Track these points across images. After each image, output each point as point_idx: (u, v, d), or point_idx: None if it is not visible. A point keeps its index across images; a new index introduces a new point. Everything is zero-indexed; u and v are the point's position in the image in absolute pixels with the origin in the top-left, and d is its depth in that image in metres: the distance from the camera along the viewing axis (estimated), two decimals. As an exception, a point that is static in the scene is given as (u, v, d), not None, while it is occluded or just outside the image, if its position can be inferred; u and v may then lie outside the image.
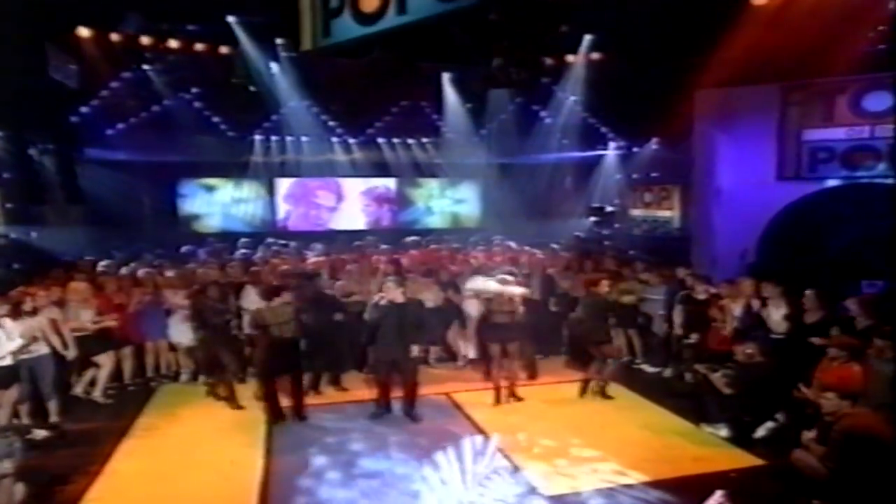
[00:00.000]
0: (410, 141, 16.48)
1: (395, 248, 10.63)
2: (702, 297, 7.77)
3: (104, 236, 12.93)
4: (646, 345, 8.90)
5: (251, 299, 8.05)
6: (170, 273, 8.31)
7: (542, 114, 15.46)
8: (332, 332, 7.67)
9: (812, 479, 4.55)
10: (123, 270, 8.96)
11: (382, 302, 6.54)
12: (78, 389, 7.39)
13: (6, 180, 9.84)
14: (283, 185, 16.31)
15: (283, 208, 16.32)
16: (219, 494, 5.41)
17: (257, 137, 15.38)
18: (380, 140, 16.25)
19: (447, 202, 17.46)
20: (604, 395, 7.50)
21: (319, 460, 6.01)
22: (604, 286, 7.34)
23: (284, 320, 6.68)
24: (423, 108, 15.34)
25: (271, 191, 16.29)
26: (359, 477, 5.71)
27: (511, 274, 7.60)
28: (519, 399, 7.46)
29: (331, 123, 15.22)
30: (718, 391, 6.45)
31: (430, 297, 8.50)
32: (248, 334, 7.57)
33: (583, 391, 7.55)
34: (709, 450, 6.17)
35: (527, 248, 10.48)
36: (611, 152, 16.08)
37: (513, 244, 10.68)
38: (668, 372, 8.44)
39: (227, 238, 14.13)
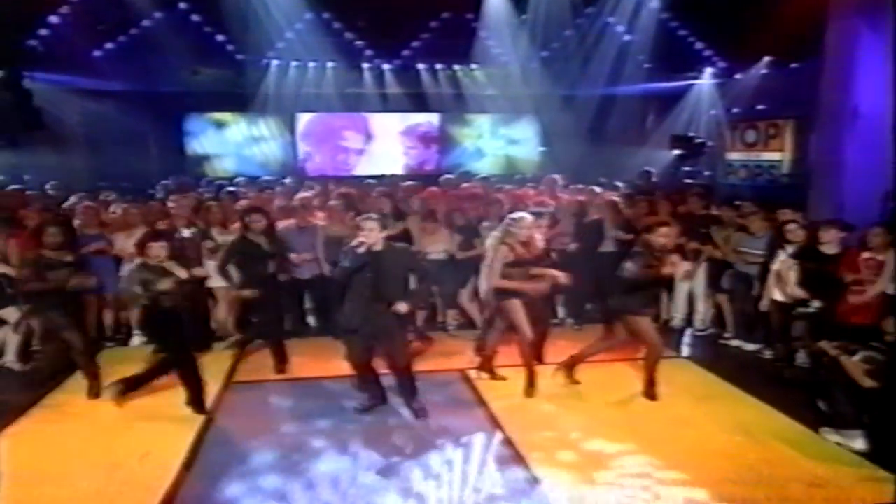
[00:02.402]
0: (456, 67, 14.82)
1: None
2: (832, 250, 5.88)
3: (88, 172, 12.24)
4: (741, 314, 7.07)
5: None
6: (118, 209, 7.00)
7: (619, 28, 13.41)
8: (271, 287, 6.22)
9: None
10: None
11: (359, 249, 4.88)
12: (-10, 353, 6.36)
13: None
14: (304, 121, 15.04)
15: (302, 149, 15.08)
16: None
17: (273, 62, 14.12)
18: (419, 66, 14.68)
19: (500, 143, 15.76)
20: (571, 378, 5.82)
21: (261, 458, 4.65)
22: (663, 235, 5.34)
23: (164, 282, 5.06)
24: (468, 23, 13.50)
25: (292, 128, 15.09)
26: (311, 487, 4.31)
27: (538, 214, 5.91)
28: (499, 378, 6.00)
29: (358, 43, 13.69)
30: (853, 382, 4.66)
31: (441, 247, 6.99)
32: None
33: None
34: (834, 469, 4.45)
35: (580, 186, 8.73)
36: (706, 81, 14.00)
37: (558, 178, 8.97)
38: (770, 351, 6.65)
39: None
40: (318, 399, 5.68)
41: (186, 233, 6.56)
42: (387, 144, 15.31)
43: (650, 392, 5.60)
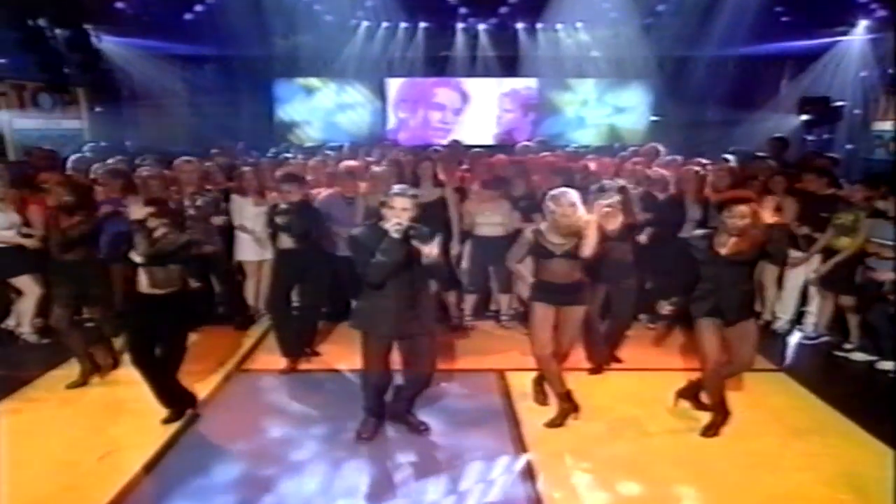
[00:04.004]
0: (558, 26, 13.56)
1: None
2: None
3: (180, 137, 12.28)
4: (877, 321, 5.61)
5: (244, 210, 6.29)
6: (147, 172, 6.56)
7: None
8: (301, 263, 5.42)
9: None
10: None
11: (396, 234, 3.78)
12: (10, 322, 6.13)
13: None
14: (395, 87, 14.41)
15: (394, 117, 14.48)
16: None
17: (363, 24, 13.54)
18: (517, 25, 13.56)
19: (605, 111, 14.36)
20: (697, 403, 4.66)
21: (231, 468, 3.98)
22: (739, 215, 4.04)
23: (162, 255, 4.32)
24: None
25: (382, 94, 14.51)
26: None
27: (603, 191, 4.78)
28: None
29: (450, 0, 12.79)
30: None
31: (497, 219, 6.05)
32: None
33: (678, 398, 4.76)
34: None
35: (677, 158, 7.41)
36: (857, 37, 11.86)
37: (660, 148, 7.74)
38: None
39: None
40: (328, 395, 4.96)
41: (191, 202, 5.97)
42: (480, 112, 14.38)
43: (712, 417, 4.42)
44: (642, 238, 5.50)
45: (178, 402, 4.53)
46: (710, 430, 4.34)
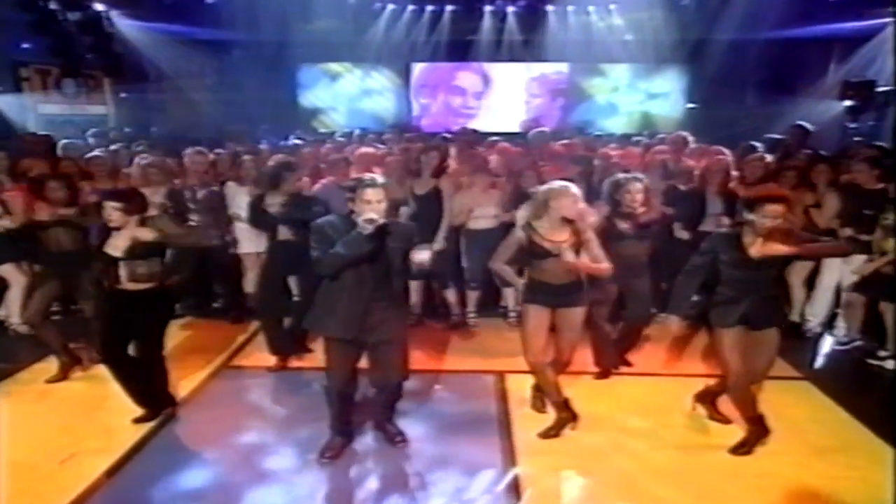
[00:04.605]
0: (590, 8, 13.08)
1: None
2: None
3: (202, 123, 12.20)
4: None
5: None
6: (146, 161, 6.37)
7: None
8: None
9: None
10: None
11: (366, 230, 3.40)
12: (1, 312, 6.03)
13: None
14: (419, 71, 14.12)
15: (416, 102, 14.20)
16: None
17: (388, 7, 13.27)
18: (547, 8, 13.12)
19: (638, 97, 13.82)
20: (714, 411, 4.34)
21: (198, 476, 3.75)
22: (770, 215, 3.58)
23: (133, 253, 4.05)
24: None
25: (407, 80, 14.24)
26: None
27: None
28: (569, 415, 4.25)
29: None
30: None
31: (491, 211, 5.72)
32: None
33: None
34: None
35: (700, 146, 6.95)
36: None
37: (688, 137, 7.28)
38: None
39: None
40: (314, 396, 4.57)
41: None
42: (506, 97, 14.02)
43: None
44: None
45: (153, 402, 4.33)
46: (744, 448, 3.93)
